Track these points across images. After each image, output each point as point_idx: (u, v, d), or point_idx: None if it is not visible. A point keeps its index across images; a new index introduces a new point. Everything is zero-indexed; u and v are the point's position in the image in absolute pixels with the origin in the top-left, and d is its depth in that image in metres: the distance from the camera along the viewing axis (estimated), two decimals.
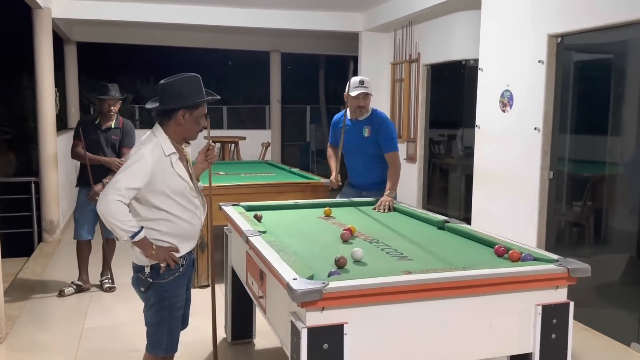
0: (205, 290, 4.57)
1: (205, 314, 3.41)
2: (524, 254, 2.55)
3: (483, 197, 5.31)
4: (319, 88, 15.33)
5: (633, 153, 3.99)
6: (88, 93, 11.06)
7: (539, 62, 4.53)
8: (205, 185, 3.23)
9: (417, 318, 2.23)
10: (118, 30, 9.67)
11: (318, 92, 15.39)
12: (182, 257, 2.68)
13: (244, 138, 9.95)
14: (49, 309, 4.58)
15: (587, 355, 3.75)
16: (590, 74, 4.58)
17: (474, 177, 5.47)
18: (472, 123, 5.51)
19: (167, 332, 2.66)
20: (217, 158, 3.11)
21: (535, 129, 4.59)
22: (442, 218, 3.40)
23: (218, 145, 9.60)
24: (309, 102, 16.20)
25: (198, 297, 3.66)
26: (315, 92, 15.59)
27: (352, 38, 8.67)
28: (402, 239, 3.07)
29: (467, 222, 3.97)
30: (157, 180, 2.56)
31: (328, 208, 3.73)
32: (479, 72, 5.33)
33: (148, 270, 2.62)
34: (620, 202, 4.19)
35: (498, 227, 4.46)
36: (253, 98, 17.04)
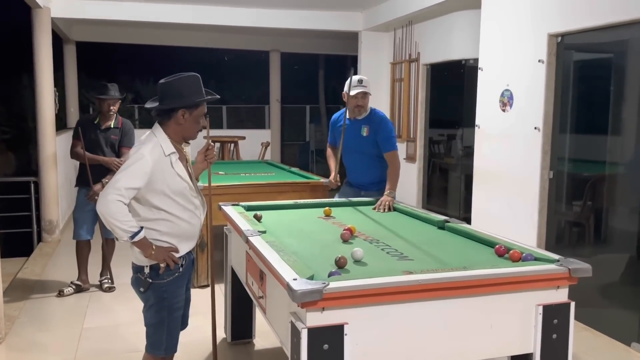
0: (205, 290, 4.56)
1: (205, 314, 3.40)
2: (525, 254, 2.55)
3: (483, 196, 5.31)
4: (319, 88, 15.34)
5: (633, 152, 3.99)
6: (87, 93, 11.06)
7: (539, 61, 4.53)
8: (205, 185, 3.22)
9: (417, 318, 2.22)
10: (117, 30, 9.67)
11: (318, 91, 15.40)
12: (181, 257, 2.67)
13: (244, 138, 9.95)
14: (49, 309, 4.57)
15: (587, 355, 3.74)
16: (591, 74, 4.58)
17: (474, 176, 5.46)
18: (472, 123, 5.51)
19: (166, 332, 2.66)
20: (216, 158, 3.10)
21: (535, 129, 4.58)
22: (442, 218, 3.39)
23: (217, 145, 9.60)
24: (309, 101, 16.20)
25: (198, 297, 3.66)
26: (315, 91, 15.59)
27: (351, 37, 8.67)
28: (402, 239, 3.06)
29: (466, 221, 3.96)
30: (156, 180, 2.55)
31: (328, 208, 3.73)
32: (479, 71, 5.33)
33: (147, 271, 2.61)
34: (621, 201, 4.18)
35: (498, 226, 4.45)
36: (252, 98, 17.04)
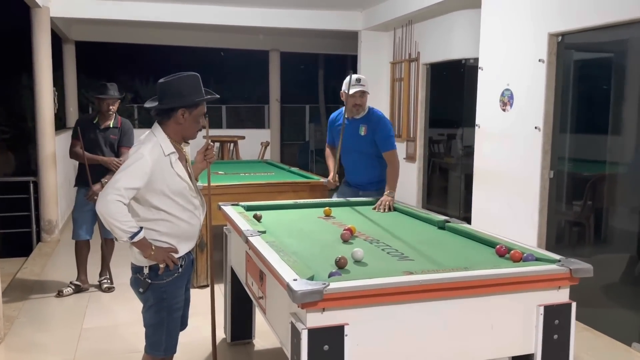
0: (205, 291, 4.55)
1: (205, 314, 3.39)
2: (526, 254, 2.53)
3: (483, 196, 5.30)
4: (318, 87, 15.33)
5: (633, 152, 3.98)
6: (87, 92, 11.05)
7: (540, 61, 4.52)
8: (205, 185, 3.21)
9: (418, 319, 2.21)
10: (117, 30, 9.65)
11: (317, 91, 15.39)
12: (181, 257, 2.66)
13: (243, 137, 9.94)
14: (48, 309, 4.56)
15: (587, 356, 3.73)
16: (591, 73, 4.57)
17: (474, 176, 5.45)
18: (472, 122, 5.50)
19: (166, 333, 2.64)
20: (216, 157, 3.09)
21: (536, 128, 4.57)
22: (442, 218, 3.38)
23: (217, 145, 9.59)
24: (308, 101, 16.19)
25: (197, 297, 3.64)
26: (315, 91, 15.58)
27: (351, 37, 8.66)
28: (402, 239, 3.05)
29: (466, 221, 3.95)
30: (156, 180, 2.53)
31: (328, 208, 3.72)
32: (479, 71, 5.32)
33: (147, 271, 2.60)
34: (621, 201, 4.18)
35: (498, 226, 4.44)
36: (252, 97, 17.04)
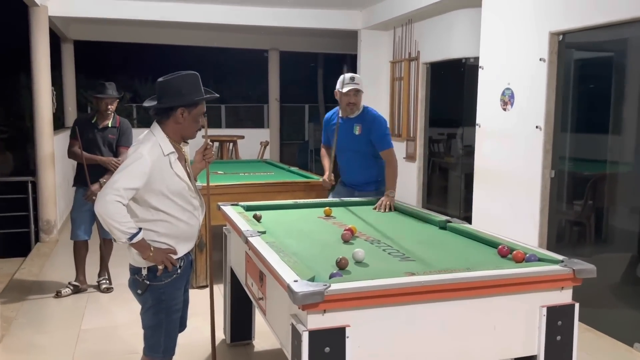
0: (204, 291, 4.53)
1: (204, 315, 3.37)
2: (529, 255, 2.51)
3: (484, 196, 5.28)
4: (318, 87, 15.31)
5: (634, 151, 3.96)
6: (85, 92, 11.04)
7: (541, 60, 4.50)
8: (204, 185, 3.19)
9: (420, 320, 2.19)
10: (115, 29, 9.62)
11: (317, 90, 15.37)
12: (180, 258, 2.64)
13: (243, 137, 9.91)
14: (46, 310, 4.53)
15: (589, 356, 3.71)
16: (592, 72, 4.56)
17: (475, 176, 5.43)
18: (472, 121, 5.48)
19: (164, 334, 2.62)
20: (215, 157, 3.07)
21: (537, 128, 4.55)
22: (443, 218, 3.35)
23: (216, 144, 9.56)
24: (308, 100, 16.17)
25: (196, 297, 3.63)
26: (314, 90, 15.56)
27: (351, 36, 8.63)
28: (403, 240, 3.02)
29: (467, 221, 3.92)
30: (155, 180, 2.51)
31: (328, 208, 3.69)
32: (480, 70, 5.30)
33: (145, 272, 2.57)
34: (622, 201, 4.16)
35: (499, 226, 4.42)
36: (251, 97, 17.03)
